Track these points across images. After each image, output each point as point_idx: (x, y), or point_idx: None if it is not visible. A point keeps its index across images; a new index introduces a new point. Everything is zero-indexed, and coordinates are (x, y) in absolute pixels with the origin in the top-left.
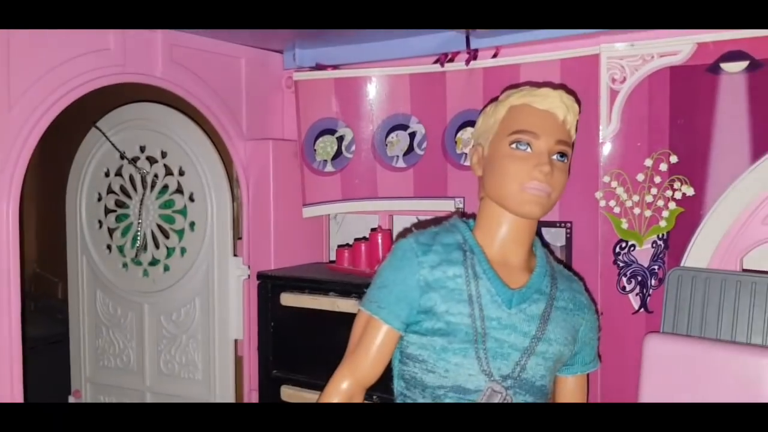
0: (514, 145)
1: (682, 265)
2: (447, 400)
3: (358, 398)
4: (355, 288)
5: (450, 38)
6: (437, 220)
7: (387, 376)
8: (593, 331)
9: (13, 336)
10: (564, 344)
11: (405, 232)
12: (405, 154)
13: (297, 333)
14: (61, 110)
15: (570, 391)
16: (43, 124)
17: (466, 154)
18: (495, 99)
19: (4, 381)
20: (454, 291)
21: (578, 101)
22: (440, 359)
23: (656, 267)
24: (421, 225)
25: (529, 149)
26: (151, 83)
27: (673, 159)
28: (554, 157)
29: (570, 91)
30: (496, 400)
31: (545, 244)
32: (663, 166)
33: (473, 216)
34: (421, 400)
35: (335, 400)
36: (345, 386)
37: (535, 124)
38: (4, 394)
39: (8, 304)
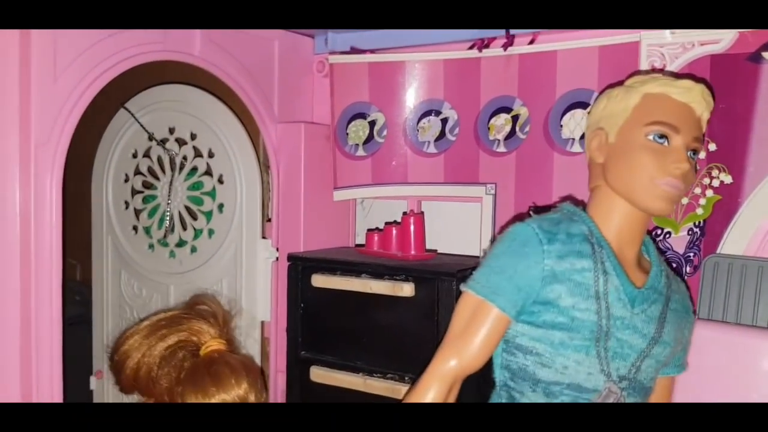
0: (651, 136)
1: (718, 252)
2: (563, 398)
3: (458, 385)
4: (388, 270)
5: None
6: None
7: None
8: (691, 333)
9: (54, 313)
10: (674, 347)
11: (517, 218)
12: (436, 140)
13: (327, 314)
14: (104, 85)
15: (659, 391)
16: (87, 98)
17: (499, 140)
18: (614, 84)
19: (44, 354)
20: (581, 285)
21: (714, 97)
22: (558, 354)
23: (692, 254)
24: (538, 211)
25: (666, 142)
26: (188, 62)
27: (712, 147)
28: (688, 153)
29: (709, 87)
30: (611, 400)
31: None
32: (701, 154)
33: (583, 204)
34: (529, 393)
35: (437, 383)
36: (449, 367)
37: (676, 116)
38: (44, 370)
39: (50, 282)
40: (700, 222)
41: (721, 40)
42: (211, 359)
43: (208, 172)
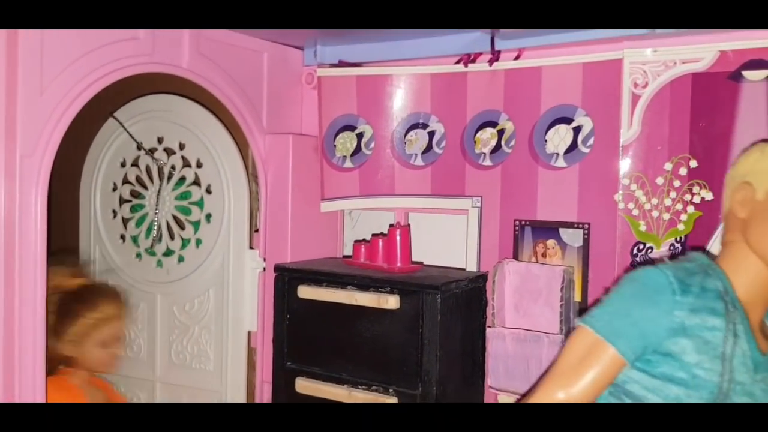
0: None
1: None
2: None
3: None
4: (374, 282)
5: (473, 39)
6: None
7: (410, 371)
8: None
9: (37, 323)
10: None
11: (648, 262)
12: (423, 153)
13: (313, 325)
14: (91, 97)
15: None
16: (73, 110)
17: (485, 153)
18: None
19: (27, 364)
20: (709, 344)
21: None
22: None
23: None
24: (671, 258)
25: None
26: (176, 74)
27: (693, 164)
28: None
29: None
30: None
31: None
32: (682, 171)
33: (715, 257)
34: None
35: None
36: (556, 399)
37: None
38: (26, 383)
39: (34, 293)
40: (681, 237)
41: (702, 58)
42: (75, 291)
43: (197, 182)
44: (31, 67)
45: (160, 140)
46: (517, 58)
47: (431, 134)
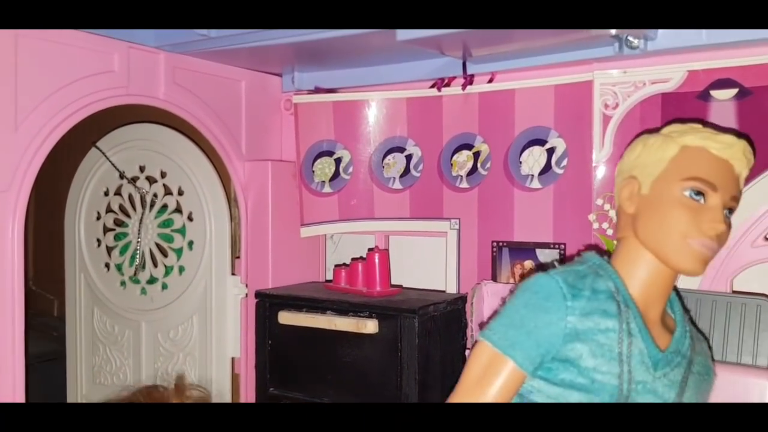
0: (687, 192)
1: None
2: None
3: None
4: (352, 307)
5: (446, 63)
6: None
7: (390, 394)
8: (710, 393)
9: (16, 354)
10: None
11: (540, 267)
12: (401, 176)
13: (294, 351)
14: (66, 131)
15: None
16: (48, 145)
17: (461, 176)
18: (650, 130)
19: (5, 400)
20: (604, 346)
21: (754, 152)
22: None
23: None
24: (562, 261)
25: (702, 200)
26: (153, 105)
27: None
28: (724, 212)
29: (750, 143)
30: None
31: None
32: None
33: (608, 253)
34: None
35: None
36: None
37: (715, 174)
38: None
39: (12, 323)
40: None
41: (671, 78)
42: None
43: (178, 209)
44: (4, 103)
45: (141, 169)
46: (490, 81)
47: (408, 158)
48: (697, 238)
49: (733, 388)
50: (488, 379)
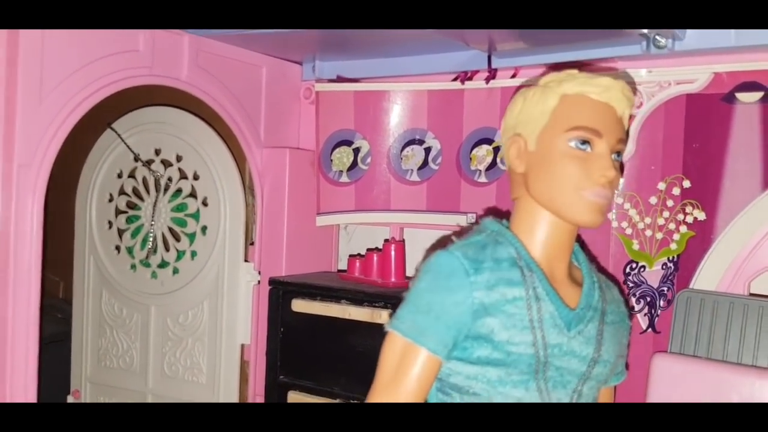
0: (573, 143)
1: (690, 287)
2: None
3: None
4: (368, 297)
5: (470, 57)
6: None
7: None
8: (628, 338)
9: (30, 333)
10: (614, 362)
11: (440, 243)
12: (419, 168)
13: (306, 339)
14: (90, 108)
15: (601, 401)
16: (71, 121)
17: (480, 170)
18: (527, 84)
19: (18, 375)
20: (514, 316)
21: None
22: (497, 393)
23: (665, 288)
24: (461, 232)
25: (589, 148)
26: (175, 86)
27: (686, 184)
28: (613, 156)
29: (630, 82)
30: None
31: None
32: (676, 190)
33: (507, 215)
34: None
35: None
36: None
37: (597, 119)
38: (17, 390)
39: (27, 302)
40: (673, 257)
41: (696, 80)
42: None
43: (193, 194)
44: (30, 76)
45: (157, 152)
46: (513, 76)
47: (427, 150)
48: (590, 189)
49: (749, 390)
50: (404, 371)
